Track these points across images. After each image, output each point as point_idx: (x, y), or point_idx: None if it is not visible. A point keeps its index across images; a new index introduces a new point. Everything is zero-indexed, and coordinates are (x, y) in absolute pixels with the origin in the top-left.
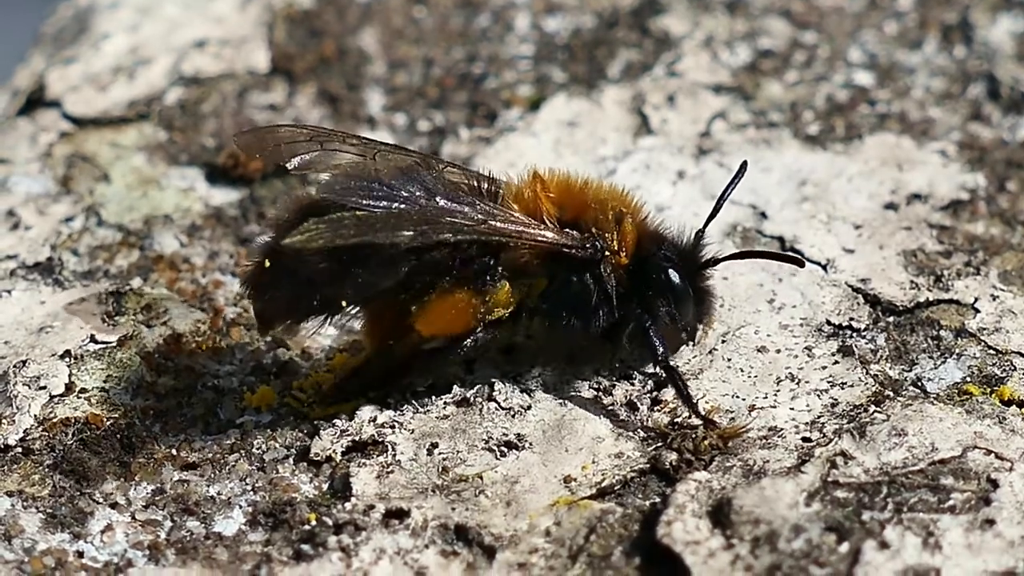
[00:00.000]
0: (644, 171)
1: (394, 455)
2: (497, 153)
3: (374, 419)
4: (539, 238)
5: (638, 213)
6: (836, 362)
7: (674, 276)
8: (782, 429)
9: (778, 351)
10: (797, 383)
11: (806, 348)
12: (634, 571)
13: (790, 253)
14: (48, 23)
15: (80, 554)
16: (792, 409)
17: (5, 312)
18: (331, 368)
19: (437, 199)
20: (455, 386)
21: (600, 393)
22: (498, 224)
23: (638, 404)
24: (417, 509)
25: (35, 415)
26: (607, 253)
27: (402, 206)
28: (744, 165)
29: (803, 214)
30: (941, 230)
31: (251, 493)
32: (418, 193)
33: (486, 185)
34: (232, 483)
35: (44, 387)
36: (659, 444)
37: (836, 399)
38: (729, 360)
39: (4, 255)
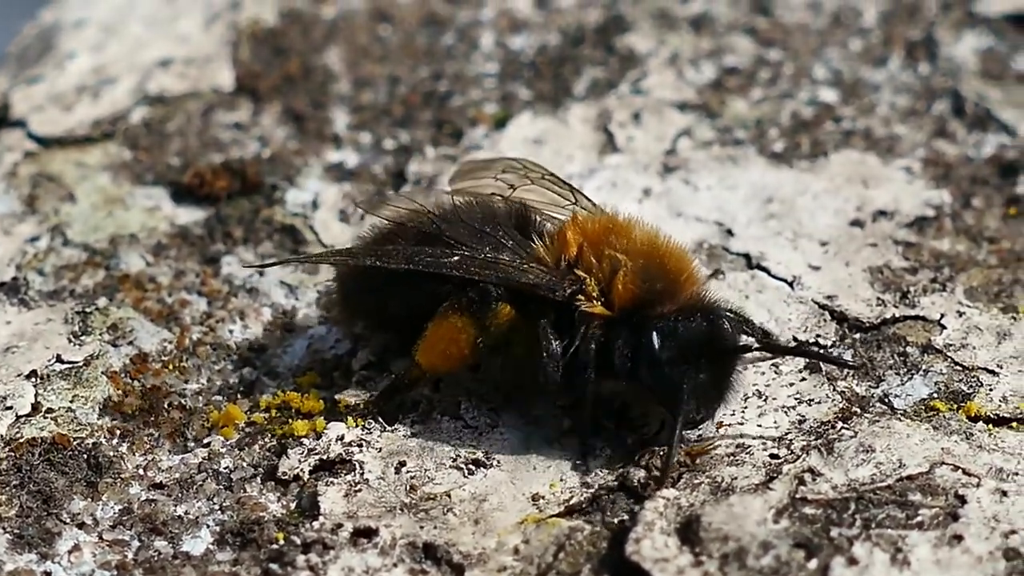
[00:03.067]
0: (610, 189)
1: (362, 474)
2: None
3: (341, 438)
4: (519, 280)
5: (654, 269)
6: (803, 379)
7: (655, 342)
8: (750, 446)
9: (745, 368)
10: (764, 400)
11: (773, 365)
12: None
13: (840, 357)
14: (12, 43)
15: (48, 574)
16: (760, 426)
17: None
18: (298, 386)
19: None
20: (421, 404)
21: (566, 410)
22: (473, 267)
23: (604, 422)
24: (385, 528)
25: (1, 435)
26: (580, 297)
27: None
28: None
29: (769, 231)
30: (907, 247)
31: (219, 512)
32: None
33: (533, 218)
34: (199, 502)
35: (10, 407)
36: (627, 461)
37: (803, 416)
38: None
39: None
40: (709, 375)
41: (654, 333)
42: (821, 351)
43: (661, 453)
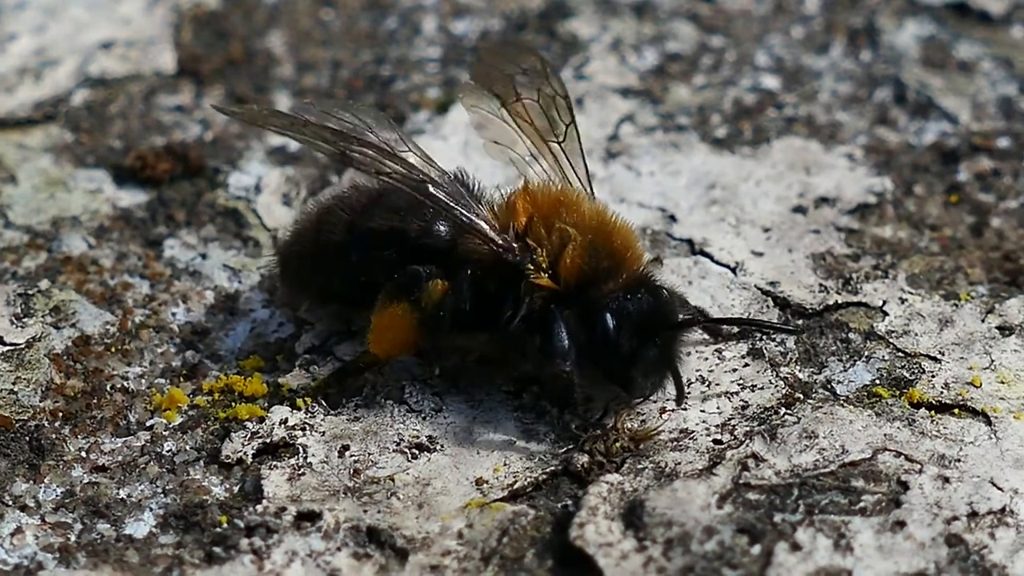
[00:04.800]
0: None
1: (305, 457)
2: None
3: (285, 421)
4: (463, 218)
5: (601, 245)
6: (746, 364)
7: (608, 322)
8: (693, 431)
9: (688, 353)
10: (708, 385)
11: (716, 350)
12: (547, 573)
13: (782, 324)
14: None
15: None
16: (703, 411)
17: None
18: (241, 369)
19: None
20: (365, 388)
21: (510, 395)
22: (428, 187)
23: (548, 406)
24: (329, 511)
25: None
26: (530, 267)
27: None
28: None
29: (712, 217)
30: (849, 233)
31: (162, 495)
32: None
33: (474, 185)
34: (142, 485)
35: None
36: (570, 446)
37: (747, 401)
38: None
39: None
40: (656, 349)
41: (606, 313)
42: (759, 320)
43: (605, 438)
